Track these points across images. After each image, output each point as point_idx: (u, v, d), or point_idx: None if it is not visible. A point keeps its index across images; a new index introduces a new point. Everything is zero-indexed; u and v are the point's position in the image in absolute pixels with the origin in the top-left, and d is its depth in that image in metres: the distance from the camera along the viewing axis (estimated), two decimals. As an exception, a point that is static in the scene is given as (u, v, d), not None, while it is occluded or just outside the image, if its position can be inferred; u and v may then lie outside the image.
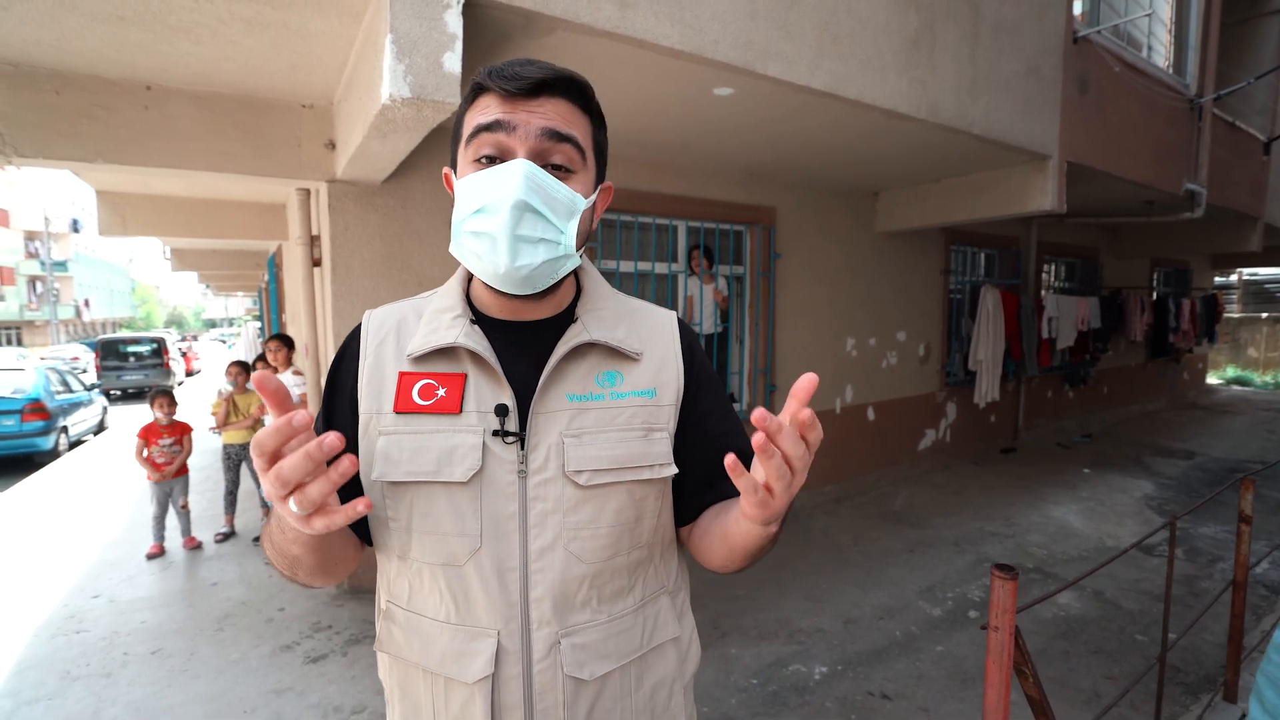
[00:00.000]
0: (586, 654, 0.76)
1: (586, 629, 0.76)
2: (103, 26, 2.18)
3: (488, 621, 0.74)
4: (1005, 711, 1.20)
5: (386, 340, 0.79)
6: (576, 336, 0.77)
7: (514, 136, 0.70)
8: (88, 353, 17.77)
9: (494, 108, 0.71)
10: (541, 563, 0.74)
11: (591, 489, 0.75)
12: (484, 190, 0.70)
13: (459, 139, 0.75)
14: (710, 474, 0.83)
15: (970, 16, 3.46)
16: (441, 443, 0.73)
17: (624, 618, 0.79)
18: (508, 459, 0.74)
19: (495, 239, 0.69)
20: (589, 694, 0.76)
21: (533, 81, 0.69)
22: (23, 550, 4.33)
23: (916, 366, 5.91)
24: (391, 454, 0.74)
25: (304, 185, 3.23)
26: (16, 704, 2.49)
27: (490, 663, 0.73)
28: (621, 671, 0.78)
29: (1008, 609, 1.20)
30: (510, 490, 0.74)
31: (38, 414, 7.34)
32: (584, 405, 0.77)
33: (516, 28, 2.17)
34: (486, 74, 0.71)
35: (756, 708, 2.58)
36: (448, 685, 0.75)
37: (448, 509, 0.73)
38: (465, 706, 0.74)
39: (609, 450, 0.76)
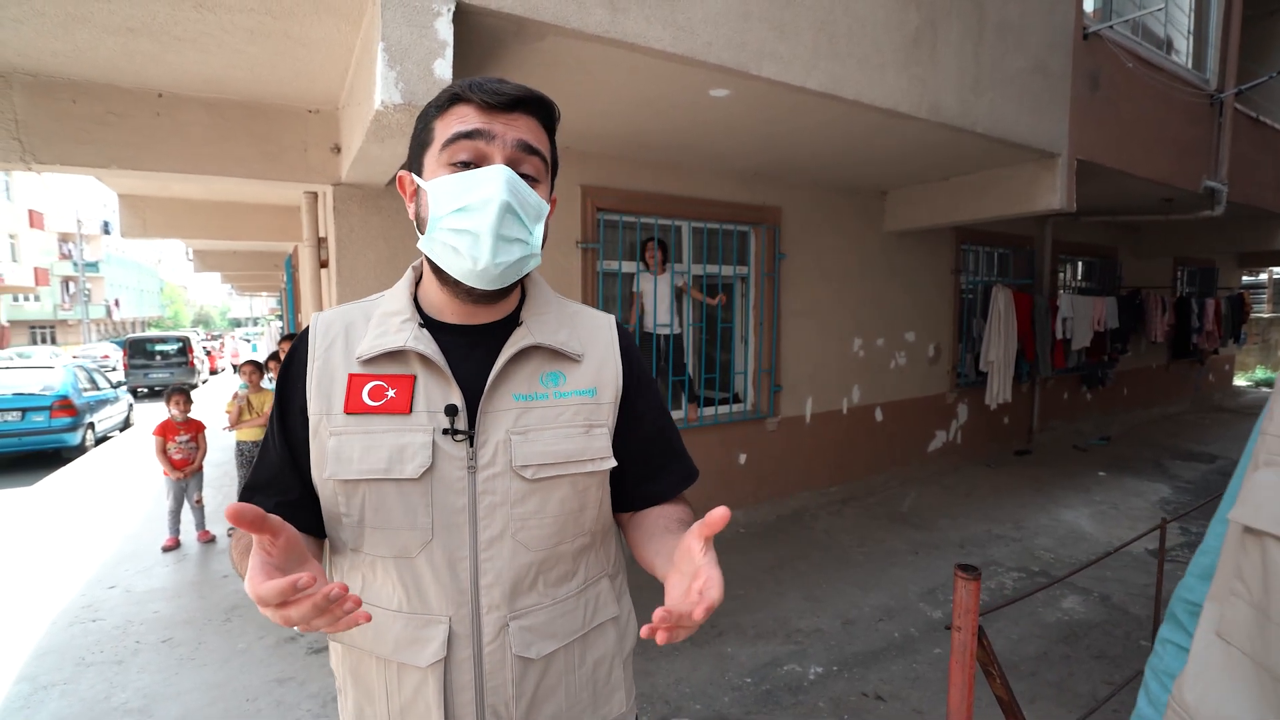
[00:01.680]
0: (533, 635, 0.80)
1: (533, 612, 0.81)
2: (113, 38, 2.26)
3: (439, 609, 0.78)
4: (969, 710, 1.20)
5: (335, 343, 0.82)
6: (522, 340, 0.81)
7: (492, 145, 0.75)
8: (117, 351, 18.30)
9: (473, 117, 0.75)
10: (491, 552, 0.78)
11: (537, 482, 0.79)
12: (467, 190, 0.74)
13: (427, 143, 0.79)
14: (648, 467, 0.89)
15: (974, 13, 3.43)
16: (392, 441, 0.77)
17: (568, 600, 0.84)
18: (457, 456, 0.78)
19: (479, 236, 0.74)
20: (535, 672, 0.80)
21: (511, 97, 0.76)
22: (47, 542, 4.49)
23: (926, 367, 5.86)
24: (343, 453, 0.77)
25: (311, 188, 3.31)
26: (34, 688, 2.60)
27: (443, 647, 0.77)
28: (565, 650, 0.83)
29: (970, 609, 1.20)
30: (460, 485, 0.78)
31: (66, 410, 7.58)
32: (529, 404, 0.81)
33: (508, 34, 2.20)
34: (466, 85, 0.76)
35: (749, 706, 2.59)
36: (400, 670, 0.78)
37: (399, 504, 0.77)
38: (418, 690, 0.78)
39: (553, 446, 0.80)
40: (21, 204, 27.30)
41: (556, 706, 0.83)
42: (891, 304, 5.50)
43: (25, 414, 7.34)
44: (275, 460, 0.82)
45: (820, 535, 4.49)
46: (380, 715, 0.81)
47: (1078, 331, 6.62)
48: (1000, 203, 4.49)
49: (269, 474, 0.83)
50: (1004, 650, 3.00)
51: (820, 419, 5.11)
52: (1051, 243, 6.75)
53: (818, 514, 4.92)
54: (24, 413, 7.34)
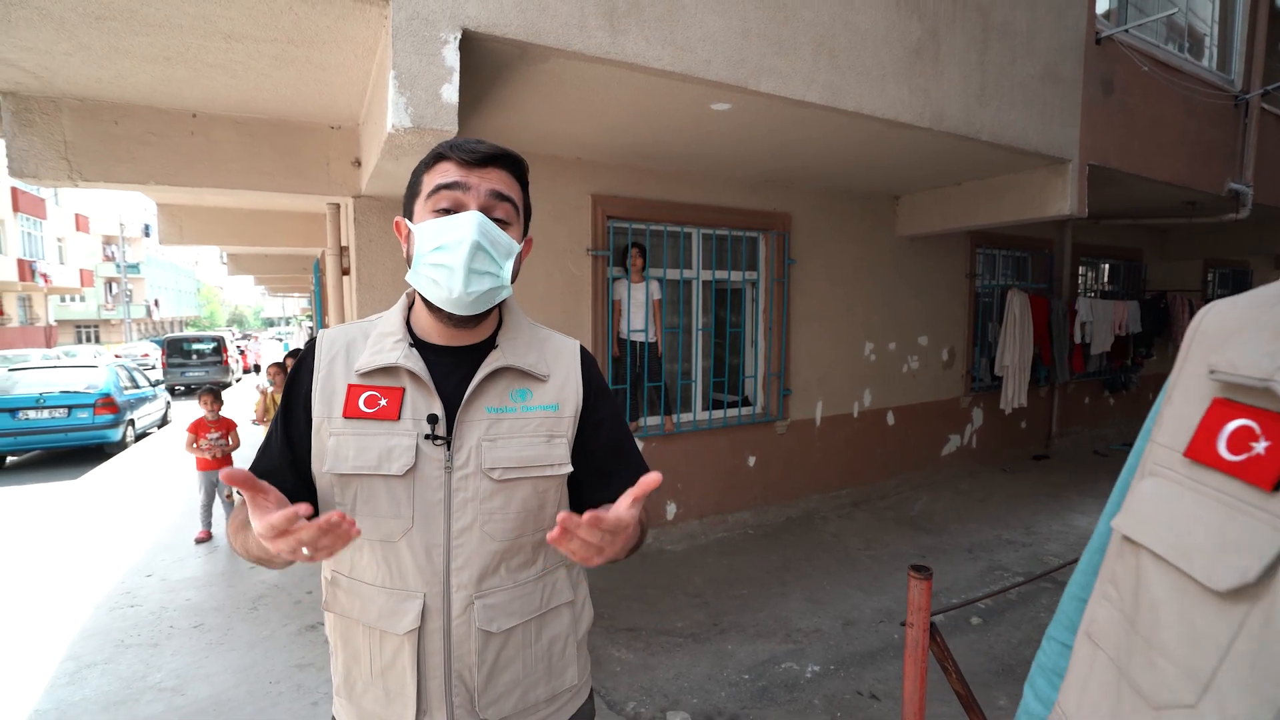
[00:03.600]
0: (495, 612, 0.93)
1: (496, 592, 0.93)
2: (152, 66, 2.45)
3: (416, 586, 0.91)
4: (921, 700, 1.28)
5: (337, 358, 0.96)
6: (495, 361, 0.95)
7: (468, 194, 0.90)
8: (157, 350, 19.01)
9: (453, 171, 0.90)
10: (461, 540, 0.91)
11: (503, 482, 0.92)
12: (444, 232, 0.88)
13: (417, 193, 0.93)
14: (604, 472, 1.01)
15: (979, 22, 3.45)
16: (382, 443, 0.90)
17: (527, 584, 0.96)
18: (436, 457, 0.91)
19: (453, 270, 0.87)
20: (496, 644, 0.93)
21: (484, 155, 0.90)
22: (91, 532, 4.77)
23: (939, 371, 5.85)
24: (340, 451, 0.91)
25: (334, 200, 3.48)
26: (79, 666, 2.81)
27: (417, 618, 0.90)
28: (524, 627, 0.95)
29: (922, 607, 1.28)
30: (437, 483, 0.91)
31: (108, 408, 7.97)
32: (499, 416, 0.94)
33: (513, 57, 2.33)
34: (448, 146, 0.90)
35: (745, 701, 2.68)
36: (382, 636, 0.92)
37: (386, 496, 0.90)
38: (396, 653, 0.91)
39: (518, 452, 0.93)
40: (68, 208, 28.49)
41: (514, 675, 0.95)
42: (903, 308, 5.51)
43: (71, 411, 7.74)
44: (275, 455, 0.96)
45: (828, 538, 4.54)
46: (364, 674, 0.93)
47: (1098, 336, 6.53)
48: (1013, 208, 4.49)
49: (269, 465, 0.95)
50: (1004, 653, 3.03)
51: (830, 422, 5.15)
52: (1071, 246, 6.67)
53: (827, 517, 4.96)
54: (70, 410, 7.74)
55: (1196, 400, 0.50)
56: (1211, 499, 0.45)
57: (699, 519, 4.53)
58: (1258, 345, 0.46)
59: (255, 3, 1.99)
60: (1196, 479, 0.47)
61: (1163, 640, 0.46)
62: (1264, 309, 0.48)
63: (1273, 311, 0.47)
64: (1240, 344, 0.48)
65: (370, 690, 0.93)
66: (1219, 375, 0.47)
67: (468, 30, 2.11)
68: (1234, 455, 0.44)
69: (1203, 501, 0.46)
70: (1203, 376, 0.49)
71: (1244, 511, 0.43)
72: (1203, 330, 0.53)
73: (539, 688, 0.97)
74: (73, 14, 2.03)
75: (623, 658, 2.96)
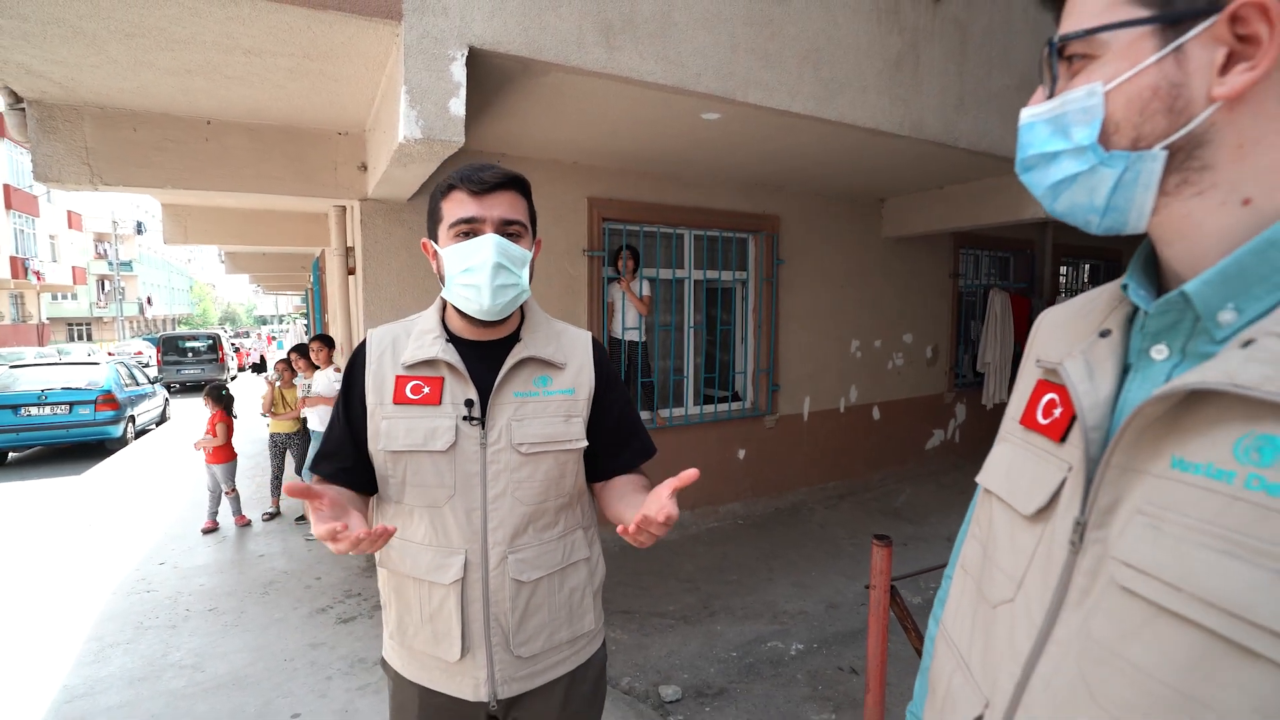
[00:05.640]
0: (525, 565, 1.10)
1: (526, 549, 1.10)
2: (172, 78, 2.59)
3: (459, 544, 1.08)
4: (883, 655, 1.46)
5: (385, 353, 1.13)
6: (520, 353, 1.12)
7: (483, 224, 1.06)
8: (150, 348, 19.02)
9: (466, 201, 1.06)
10: (496, 504, 1.09)
11: (530, 455, 1.10)
12: (469, 256, 1.05)
13: (439, 220, 1.09)
14: (616, 444, 1.19)
15: (957, 36, 3.63)
16: (427, 424, 1.08)
17: (551, 542, 1.14)
18: (473, 435, 1.08)
19: (481, 288, 1.04)
20: (526, 592, 1.10)
21: (491, 185, 1.06)
22: (101, 524, 4.90)
23: (924, 368, 6.04)
24: (392, 432, 1.08)
25: (340, 203, 3.62)
26: (101, 646, 2.96)
27: (460, 570, 1.07)
28: (549, 578, 1.13)
29: (883, 571, 1.46)
30: (474, 456, 1.08)
31: (109, 404, 8.07)
32: (525, 399, 1.11)
33: (515, 71, 2.49)
34: (459, 178, 1.06)
35: (732, 677, 2.85)
36: (431, 587, 1.09)
37: (431, 469, 1.07)
38: (443, 601, 1.08)
39: (541, 430, 1.11)
40: (60, 206, 28.38)
41: (541, 619, 1.12)
42: (889, 307, 5.70)
43: (72, 407, 7.83)
44: (339, 436, 1.13)
45: (814, 528, 4.72)
46: (415, 620, 1.11)
47: (1078, 334, 6.73)
48: (994, 210, 4.68)
49: (334, 447, 1.14)
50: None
51: (818, 417, 5.33)
52: (1053, 247, 6.88)
53: (814, 508, 5.15)
54: (71, 406, 7.83)
55: (1028, 382, 0.66)
56: (1032, 452, 0.61)
57: (691, 510, 4.71)
58: (1062, 340, 0.64)
59: (276, 21, 2.14)
60: (1025, 439, 0.63)
61: (998, 557, 0.62)
62: (1074, 315, 0.65)
63: (1077, 317, 0.64)
64: (1054, 340, 0.65)
65: (420, 633, 1.10)
66: (1040, 363, 0.65)
67: (474, 47, 2.26)
68: (1045, 419, 0.60)
69: (1027, 455, 0.62)
70: (1033, 364, 0.67)
71: (1044, 459, 0.59)
72: (1038, 330, 0.70)
73: (562, 630, 1.14)
74: (104, 31, 2.17)
75: (618, 638, 3.13)
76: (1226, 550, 0.42)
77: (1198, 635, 0.43)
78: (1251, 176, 0.48)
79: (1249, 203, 0.48)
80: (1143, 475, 0.49)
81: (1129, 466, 0.50)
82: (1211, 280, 0.49)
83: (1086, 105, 0.51)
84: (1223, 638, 0.42)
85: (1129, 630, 0.47)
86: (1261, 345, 0.44)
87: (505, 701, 1.12)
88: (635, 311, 4.25)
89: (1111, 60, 0.50)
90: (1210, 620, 0.42)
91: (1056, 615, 0.53)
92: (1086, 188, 0.53)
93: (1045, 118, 0.55)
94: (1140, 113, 0.49)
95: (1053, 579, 0.54)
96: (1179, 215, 0.51)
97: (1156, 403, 0.48)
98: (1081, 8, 0.53)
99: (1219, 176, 0.49)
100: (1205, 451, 0.45)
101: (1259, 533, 0.41)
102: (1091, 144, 0.52)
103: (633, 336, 4.30)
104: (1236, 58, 0.46)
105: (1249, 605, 0.40)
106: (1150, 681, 0.45)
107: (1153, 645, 0.46)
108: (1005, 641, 0.58)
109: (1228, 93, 0.46)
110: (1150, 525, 0.47)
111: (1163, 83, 0.48)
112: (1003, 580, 0.60)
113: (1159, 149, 0.49)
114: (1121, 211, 0.53)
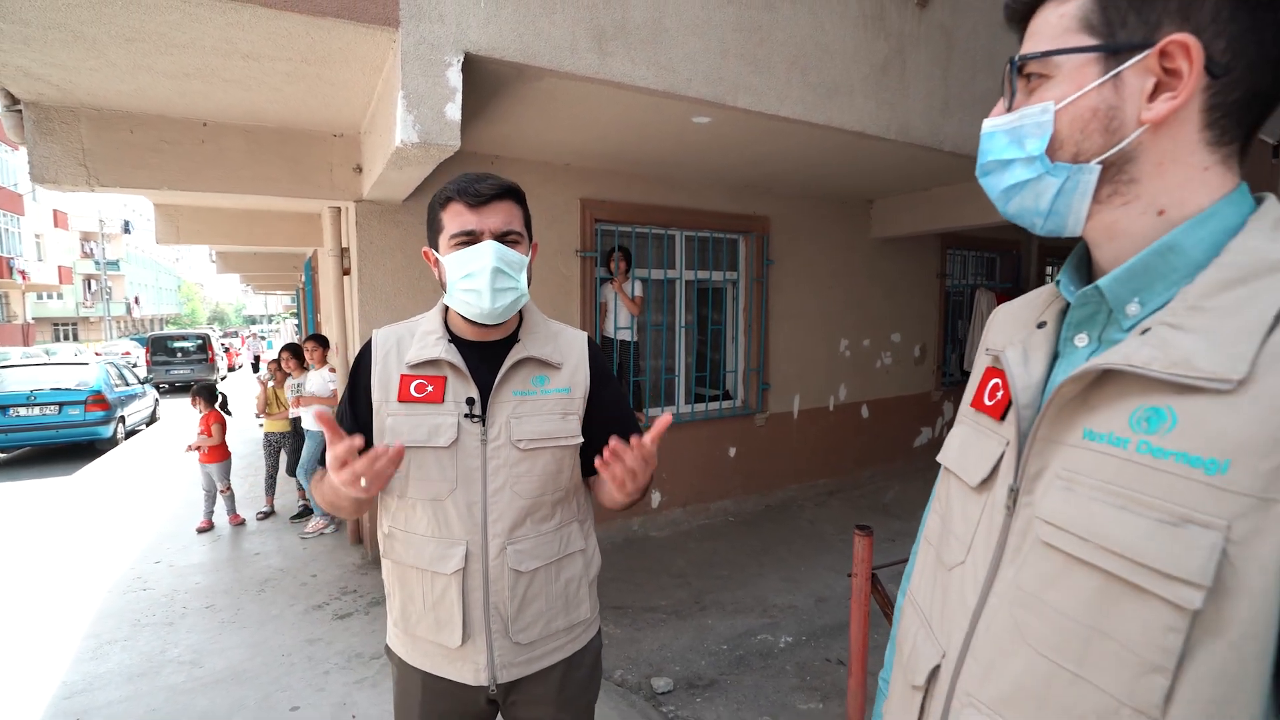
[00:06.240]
0: (523, 555, 1.15)
1: (524, 540, 1.16)
2: (170, 80, 2.62)
3: (460, 535, 1.13)
4: (864, 640, 1.53)
5: (390, 353, 1.18)
6: (519, 353, 1.17)
7: (482, 231, 1.11)
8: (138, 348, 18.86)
9: (464, 213, 1.11)
10: (496, 498, 1.14)
11: (528, 451, 1.15)
12: (469, 262, 1.10)
13: (439, 229, 1.14)
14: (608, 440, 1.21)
15: (942, 41, 3.71)
16: (430, 421, 1.13)
17: (547, 534, 1.19)
18: (474, 432, 1.14)
19: (481, 293, 1.09)
20: (524, 581, 1.16)
21: (487, 196, 1.11)
22: (93, 524, 4.91)
23: (912, 367, 6.14)
24: (397, 429, 1.13)
25: (335, 204, 3.66)
26: (99, 643, 2.99)
27: (461, 560, 1.12)
28: (545, 568, 1.18)
29: (864, 559, 1.53)
30: (475, 452, 1.13)
31: (99, 405, 8.03)
32: (523, 398, 1.17)
33: (510, 77, 2.54)
34: (455, 190, 1.11)
35: (723, 669, 2.92)
36: (433, 577, 1.14)
37: (434, 464, 1.13)
38: (445, 590, 1.13)
39: (539, 426, 1.16)
40: (46, 205, 28.07)
41: (539, 608, 1.17)
42: (877, 307, 5.79)
43: (62, 408, 7.79)
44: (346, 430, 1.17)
45: (804, 524, 4.80)
46: (418, 608, 1.16)
47: (1062, 333, 6.86)
48: (979, 212, 4.77)
49: None
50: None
51: (807, 415, 5.41)
52: (1038, 248, 7.00)
53: (804, 505, 5.23)
54: (61, 406, 7.79)
55: (980, 369, 0.74)
56: (979, 431, 0.69)
57: (682, 507, 4.77)
58: (1007, 332, 0.72)
59: (275, 27, 2.18)
60: (975, 420, 0.71)
61: (952, 525, 0.70)
62: (1020, 309, 0.73)
63: (1022, 310, 0.72)
64: (1002, 331, 0.73)
65: (423, 621, 1.15)
66: (989, 352, 0.73)
67: (470, 54, 2.31)
68: (990, 401, 0.68)
69: (976, 433, 0.70)
70: (984, 354, 0.74)
71: (988, 435, 0.67)
72: (991, 323, 0.78)
73: (559, 619, 1.20)
74: (105, 35, 2.21)
75: (611, 632, 3.19)
76: (1122, 505, 0.50)
77: (1101, 578, 0.51)
78: (1165, 190, 0.56)
79: (1163, 213, 0.56)
80: (1061, 446, 0.57)
81: (1051, 438, 0.58)
82: (1120, 277, 0.57)
83: (1040, 120, 0.58)
84: (1119, 578, 0.49)
85: (1049, 578, 0.55)
86: (1154, 332, 0.52)
87: (504, 686, 1.17)
88: (627, 311, 4.31)
89: (1062, 81, 0.57)
90: (1110, 564, 0.50)
91: (996, 571, 0.61)
92: (1034, 193, 0.60)
93: (1004, 128, 0.62)
94: (1081, 130, 0.57)
95: (993, 540, 0.62)
96: (1108, 221, 0.59)
97: (1072, 383, 0.55)
98: (1041, 31, 0.60)
99: (1141, 189, 0.56)
100: (1108, 423, 0.53)
101: (1146, 489, 0.49)
102: (1040, 155, 0.59)
103: (625, 336, 4.36)
104: (1162, 88, 0.54)
105: (1139, 550, 0.48)
106: (1065, 620, 0.53)
107: (1067, 589, 0.53)
108: (957, 599, 0.65)
109: (1154, 117, 0.54)
110: (1065, 487, 0.55)
111: (1102, 105, 0.55)
112: (956, 545, 0.68)
113: (1095, 163, 0.57)
114: (1061, 216, 0.60)
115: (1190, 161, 0.55)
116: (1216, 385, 0.47)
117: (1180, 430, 0.48)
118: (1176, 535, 0.47)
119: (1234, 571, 0.45)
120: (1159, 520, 0.48)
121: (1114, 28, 0.55)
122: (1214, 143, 0.55)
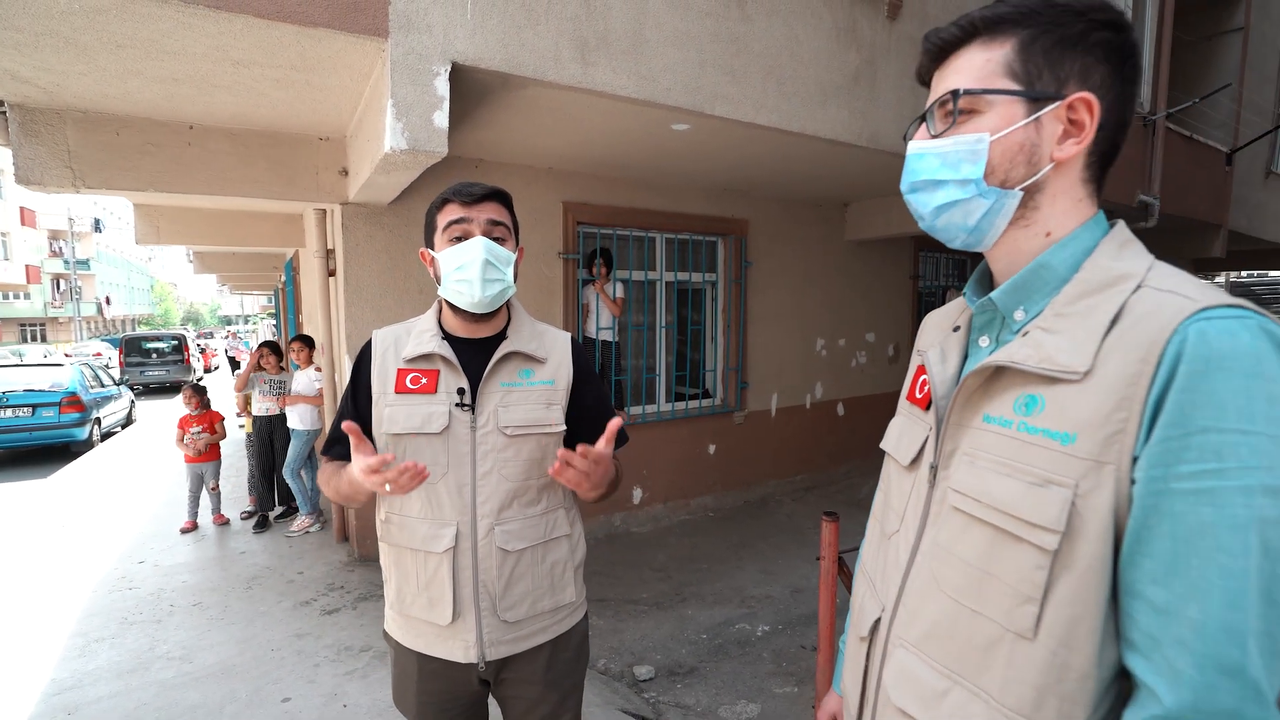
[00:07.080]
0: (510, 536, 1.24)
1: (511, 522, 1.25)
2: (159, 85, 2.66)
3: (451, 516, 1.22)
4: (831, 620, 1.64)
5: (388, 350, 1.29)
6: (506, 348, 1.27)
7: (473, 225, 1.22)
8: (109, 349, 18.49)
9: (458, 210, 1.22)
10: (484, 481, 1.23)
11: (514, 438, 1.25)
12: (461, 256, 1.20)
13: (434, 229, 1.25)
14: (590, 433, 1.33)
15: (911, 51, 3.87)
16: (424, 410, 1.23)
17: (534, 517, 1.28)
18: (464, 420, 1.23)
19: (472, 282, 1.20)
20: (511, 560, 1.25)
21: (478, 195, 1.23)
22: (72, 526, 4.87)
23: (886, 365, 6.32)
24: (393, 417, 1.23)
25: (321, 206, 3.70)
26: (87, 641, 3.00)
27: (452, 540, 1.22)
28: (532, 550, 1.27)
29: (831, 543, 1.64)
30: (465, 438, 1.23)
31: (74, 406, 7.92)
32: (510, 389, 1.27)
33: (495, 85, 2.63)
34: (451, 192, 1.23)
35: (702, 657, 3.03)
36: (426, 556, 1.23)
37: (427, 449, 1.22)
38: (436, 568, 1.22)
39: (525, 415, 1.26)
40: (13, 201, 27.35)
41: (525, 587, 1.26)
42: (852, 307, 5.96)
43: (35, 410, 7.68)
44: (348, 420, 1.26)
45: (782, 519, 4.94)
46: (412, 588, 1.25)
47: (1030, 332, 7.10)
48: (947, 216, 4.94)
49: (343, 432, 1.25)
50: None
51: (785, 413, 5.56)
52: (1007, 250, 7.23)
53: (781, 500, 5.37)
54: (34, 408, 7.68)
55: (913, 368, 0.87)
56: (910, 419, 0.82)
57: (663, 503, 4.89)
58: (933, 334, 0.85)
59: (266, 36, 2.24)
60: (908, 410, 0.83)
61: (891, 500, 0.83)
62: (944, 316, 0.86)
63: (945, 317, 0.85)
64: (929, 334, 0.86)
65: (417, 600, 1.24)
66: (919, 352, 0.85)
67: (457, 63, 2.40)
68: (919, 394, 0.81)
69: (909, 421, 0.82)
70: (916, 354, 0.87)
71: (916, 423, 0.80)
72: (923, 328, 0.90)
73: (545, 600, 1.28)
74: (96, 42, 2.25)
75: (594, 624, 3.29)
76: (1007, 473, 0.63)
77: (991, 532, 0.64)
78: (1054, 217, 0.68)
79: (1049, 235, 0.69)
80: (968, 429, 0.69)
81: (960, 423, 0.70)
82: (1008, 289, 0.70)
83: (975, 149, 0.68)
84: (1003, 530, 0.62)
85: (956, 535, 0.68)
86: (1031, 335, 0.65)
87: (494, 664, 1.25)
88: (609, 312, 4.41)
89: (992, 116, 0.67)
90: (996, 520, 0.63)
91: (921, 535, 0.74)
92: (964, 212, 0.70)
93: (936, 151, 0.70)
94: (1010, 161, 0.67)
95: (919, 509, 0.75)
96: (1011, 241, 0.71)
97: (973, 378, 0.68)
98: (966, 69, 0.69)
99: (1040, 215, 0.68)
100: (999, 408, 0.66)
101: (1022, 459, 0.62)
102: (977, 179, 0.68)
103: (606, 337, 4.46)
104: (1068, 134, 0.65)
105: (1016, 507, 0.61)
106: (968, 568, 0.66)
107: (969, 543, 0.66)
108: (894, 560, 0.78)
109: (1063, 156, 0.66)
110: (969, 462, 0.68)
111: (1027, 141, 0.66)
112: (893, 516, 0.81)
113: (1018, 190, 0.68)
114: (983, 233, 0.71)
115: (1073, 194, 0.68)
116: (1070, 376, 0.59)
117: (1047, 412, 0.61)
118: (1041, 494, 0.59)
119: (1080, 519, 0.57)
120: (1030, 483, 0.60)
121: (1033, 78, 0.65)
122: (1088, 180, 0.68)
